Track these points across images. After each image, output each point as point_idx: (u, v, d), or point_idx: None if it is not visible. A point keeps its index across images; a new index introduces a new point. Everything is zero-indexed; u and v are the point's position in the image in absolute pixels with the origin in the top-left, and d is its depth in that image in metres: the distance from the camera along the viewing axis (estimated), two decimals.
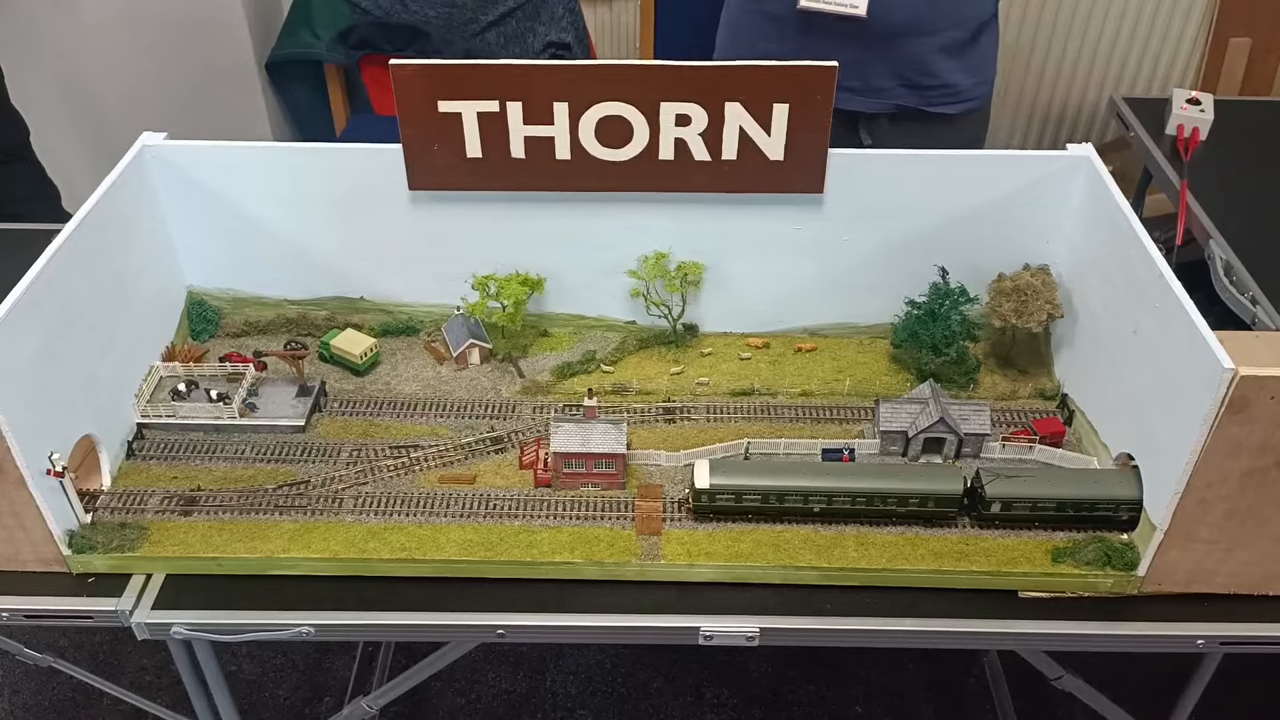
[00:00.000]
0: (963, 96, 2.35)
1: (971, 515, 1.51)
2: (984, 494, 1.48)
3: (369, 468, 1.60)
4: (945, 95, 2.33)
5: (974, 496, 1.50)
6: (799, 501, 1.49)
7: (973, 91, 2.37)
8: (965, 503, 1.50)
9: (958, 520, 1.51)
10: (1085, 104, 4.03)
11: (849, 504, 1.49)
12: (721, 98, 1.58)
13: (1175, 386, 1.33)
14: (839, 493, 1.48)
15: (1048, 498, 1.47)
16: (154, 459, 1.62)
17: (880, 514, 1.50)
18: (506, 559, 1.46)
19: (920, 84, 2.28)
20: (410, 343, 1.84)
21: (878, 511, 1.49)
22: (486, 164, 1.66)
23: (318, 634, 1.44)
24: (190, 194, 1.73)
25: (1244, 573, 1.43)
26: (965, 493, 1.49)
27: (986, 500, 1.47)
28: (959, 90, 2.34)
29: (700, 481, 1.48)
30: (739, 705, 2.63)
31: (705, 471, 1.48)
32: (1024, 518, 1.49)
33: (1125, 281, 1.50)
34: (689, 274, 1.77)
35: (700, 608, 1.44)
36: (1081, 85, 3.99)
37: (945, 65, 2.29)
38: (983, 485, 1.48)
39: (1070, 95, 4.01)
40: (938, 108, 2.34)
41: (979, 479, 1.49)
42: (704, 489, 1.48)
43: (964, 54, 2.30)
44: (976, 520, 1.50)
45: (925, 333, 1.71)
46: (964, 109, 2.37)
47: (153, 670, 2.69)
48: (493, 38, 3.64)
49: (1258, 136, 2.50)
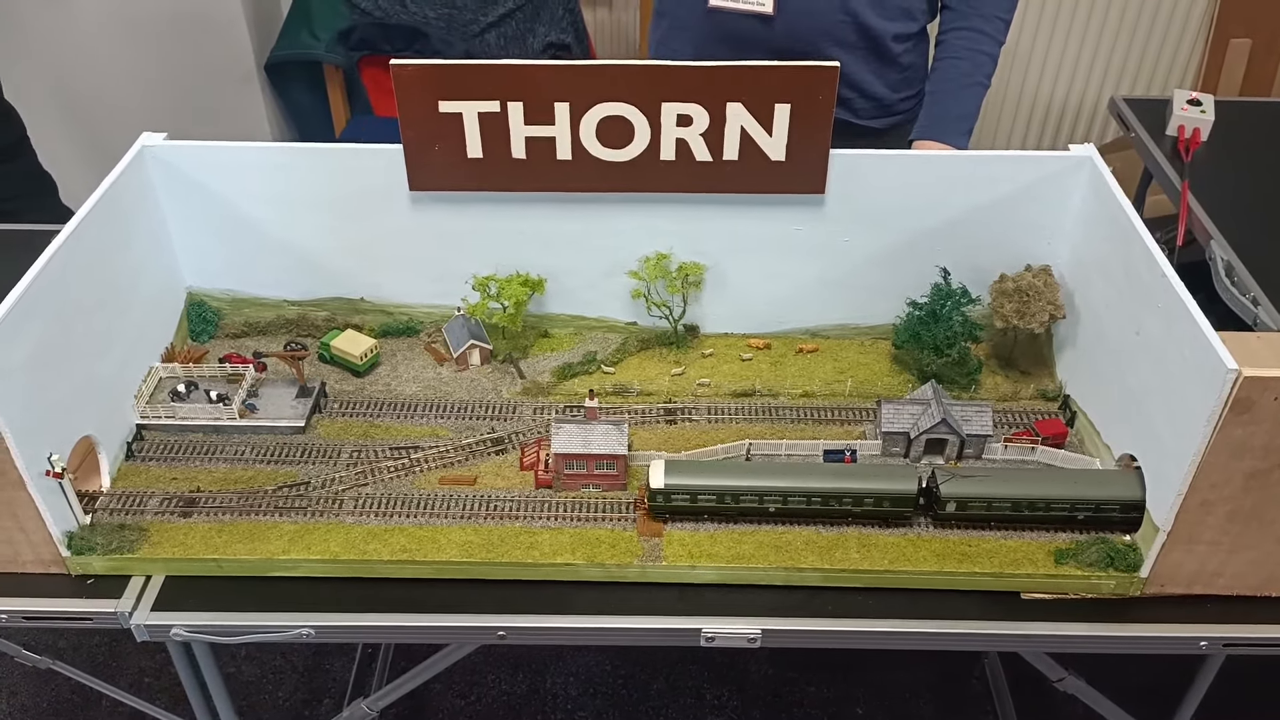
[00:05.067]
0: (890, 110, 2.27)
1: (928, 515, 1.51)
2: (939, 494, 1.48)
3: (369, 469, 1.59)
4: (872, 108, 2.25)
5: (930, 496, 1.50)
6: (754, 502, 1.48)
7: (899, 106, 2.28)
8: (922, 503, 1.50)
9: (914, 520, 1.50)
10: (1086, 105, 4.03)
11: (805, 504, 1.48)
12: (723, 98, 1.58)
13: (1178, 387, 1.33)
14: (794, 493, 1.48)
15: (1003, 497, 1.47)
16: (153, 460, 1.62)
17: (836, 514, 1.49)
18: (507, 560, 1.46)
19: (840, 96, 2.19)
20: (410, 343, 1.84)
21: (834, 512, 1.49)
22: (487, 164, 1.66)
23: (317, 635, 1.44)
24: (190, 194, 1.72)
25: (1247, 574, 1.42)
26: (921, 492, 1.49)
27: (941, 500, 1.47)
28: (884, 103, 2.25)
29: (655, 482, 1.47)
30: (739, 707, 2.62)
31: (660, 471, 1.48)
32: (980, 517, 1.49)
33: (1128, 282, 1.50)
34: (690, 275, 1.77)
35: (702, 609, 1.44)
36: (1082, 86, 3.99)
37: (865, 77, 2.19)
38: (938, 485, 1.48)
39: (1071, 96, 4.01)
40: (865, 120, 2.26)
41: (934, 479, 1.49)
42: (659, 489, 1.47)
43: (886, 67, 2.20)
44: (934, 520, 1.50)
45: (927, 333, 1.71)
46: (889, 123, 2.29)
47: (152, 672, 2.69)
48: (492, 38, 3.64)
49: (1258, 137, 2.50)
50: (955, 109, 2.14)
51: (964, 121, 2.14)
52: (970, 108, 2.14)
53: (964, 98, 2.14)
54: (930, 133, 2.12)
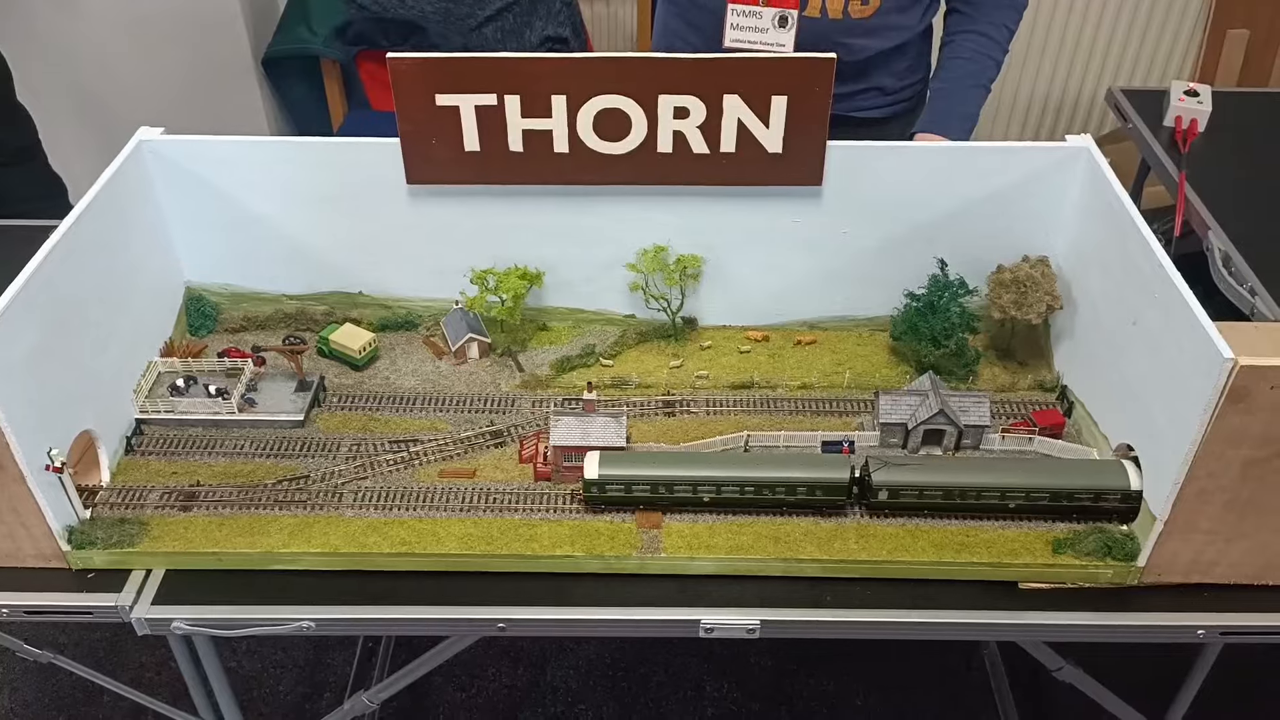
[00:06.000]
0: (894, 99, 2.26)
1: (862, 504, 1.51)
2: (870, 482, 1.48)
3: (368, 462, 1.59)
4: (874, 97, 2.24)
5: (863, 485, 1.50)
6: (689, 491, 1.48)
7: (903, 94, 2.27)
8: (856, 491, 1.50)
9: (849, 509, 1.51)
10: (1083, 96, 4.03)
11: (738, 493, 1.49)
12: (720, 90, 1.58)
13: (1175, 377, 1.33)
14: (728, 482, 1.48)
15: (935, 485, 1.47)
16: (153, 454, 1.62)
17: (771, 503, 1.50)
18: (507, 553, 1.46)
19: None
20: (409, 337, 1.84)
21: (768, 501, 1.49)
22: (485, 157, 1.66)
23: (318, 629, 1.44)
24: (188, 189, 1.72)
25: (1244, 563, 1.43)
26: (854, 481, 1.49)
27: (874, 488, 1.48)
28: (886, 90, 2.24)
29: (589, 472, 1.48)
30: (740, 699, 2.63)
31: (595, 462, 1.48)
32: (912, 506, 1.49)
33: (1125, 272, 1.50)
34: (688, 267, 1.77)
35: (701, 600, 1.44)
36: (1079, 77, 3.99)
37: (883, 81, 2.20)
38: (869, 473, 1.48)
39: (1068, 87, 4.01)
40: (865, 112, 2.25)
41: (867, 467, 1.49)
42: (593, 479, 1.48)
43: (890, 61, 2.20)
44: (868, 509, 1.51)
45: (925, 325, 1.71)
46: (890, 112, 2.28)
47: (153, 666, 2.69)
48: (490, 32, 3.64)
49: (1256, 128, 2.50)
50: (960, 108, 2.14)
51: (968, 121, 2.15)
52: (974, 109, 2.15)
53: (969, 98, 2.15)
54: (934, 127, 2.12)
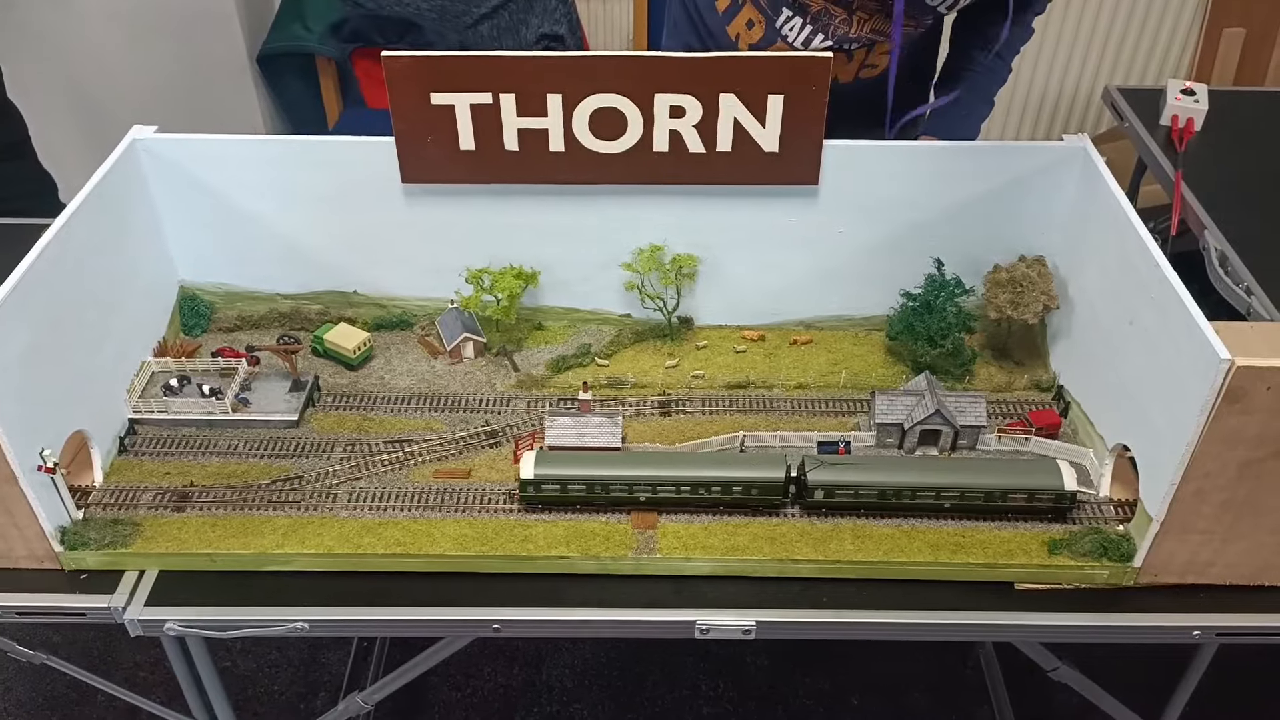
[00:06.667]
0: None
1: (799, 503, 1.51)
2: (805, 481, 1.48)
3: (363, 462, 1.59)
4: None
5: (799, 484, 1.50)
6: (624, 491, 1.48)
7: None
8: (793, 490, 1.50)
9: (785, 508, 1.51)
10: (1079, 95, 4.03)
11: (674, 492, 1.48)
12: (716, 89, 1.57)
13: (1172, 377, 1.33)
14: (663, 481, 1.48)
15: (870, 485, 1.48)
16: (146, 455, 1.61)
17: (707, 502, 1.50)
18: (502, 553, 1.46)
19: None
20: (404, 337, 1.83)
21: (704, 500, 1.49)
22: (480, 156, 1.65)
23: (312, 630, 1.43)
24: (181, 188, 1.71)
25: (1240, 563, 1.43)
26: (790, 480, 1.49)
27: (809, 488, 1.48)
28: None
29: (525, 472, 1.48)
30: (735, 699, 2.63)
31: (530, 462, 1.48)
32: (848, 505, 1.49)
33: (1121, 272, 1.50)
34: (684, 267, 1.76)
35: (696, 601, 1.44)
36: (1075, 76, 3.98)
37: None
38: (805, 473, 1.48)
39: (1064, 86, 4.01)
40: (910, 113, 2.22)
41: (802, 466, 1.49)
42: (529, 479, 1.48)
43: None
44: (804, 508, 1.51)
45: (921, 325, 1.71)
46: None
47: (146, 667, 2.68)
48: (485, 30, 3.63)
49: (1252, 127, 2.49)
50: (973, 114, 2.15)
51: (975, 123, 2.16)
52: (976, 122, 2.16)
53: (978, 111, 2.16)
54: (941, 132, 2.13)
